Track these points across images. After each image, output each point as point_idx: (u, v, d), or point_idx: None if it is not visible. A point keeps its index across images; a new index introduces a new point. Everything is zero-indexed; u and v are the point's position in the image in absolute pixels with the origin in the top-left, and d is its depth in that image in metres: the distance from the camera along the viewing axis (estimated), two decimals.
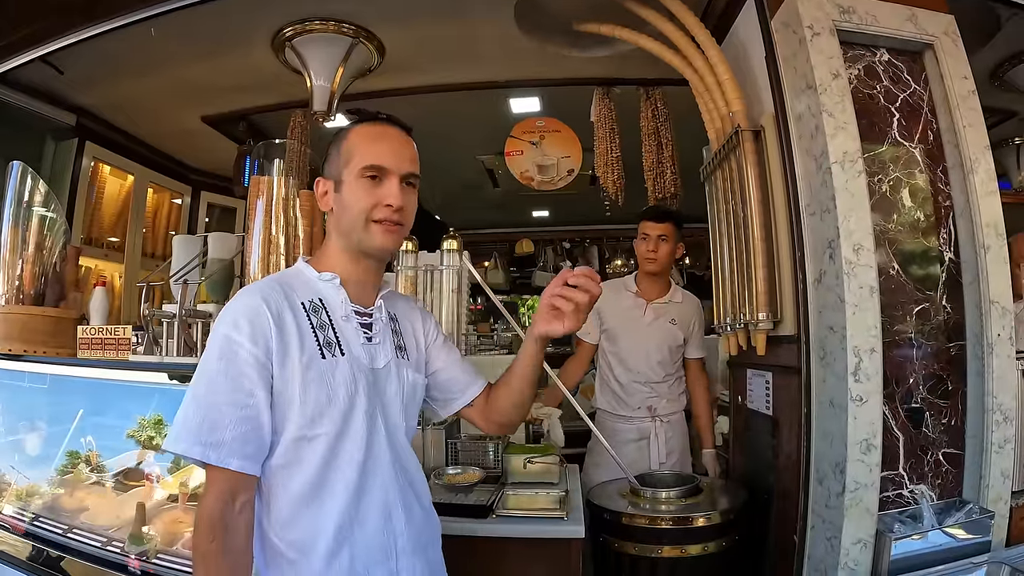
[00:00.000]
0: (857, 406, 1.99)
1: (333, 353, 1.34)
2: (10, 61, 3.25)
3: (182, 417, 1.23)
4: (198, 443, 1.19)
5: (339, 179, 1.39)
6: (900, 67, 2.31)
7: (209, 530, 1.19)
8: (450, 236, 2.31)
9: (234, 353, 1.23)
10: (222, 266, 2.30)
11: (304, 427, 1.27)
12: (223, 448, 1.20)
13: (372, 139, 1.39)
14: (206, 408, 1.21)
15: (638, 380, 3.06)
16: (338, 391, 1.31)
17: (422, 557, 1.43)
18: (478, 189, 6.31)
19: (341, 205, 1.39)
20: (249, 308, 1.27)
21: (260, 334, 1.25)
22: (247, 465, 1.23)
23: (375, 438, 1.36)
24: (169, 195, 5.30)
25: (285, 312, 1.31)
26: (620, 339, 3.09)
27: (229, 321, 1.26)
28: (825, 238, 2.13)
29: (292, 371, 1.27)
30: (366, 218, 1.36)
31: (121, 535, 1.95)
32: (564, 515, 2.16)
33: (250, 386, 1.23)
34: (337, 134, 1.44)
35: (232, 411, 1.21)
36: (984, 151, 2.22)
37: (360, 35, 3.24)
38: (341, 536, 1.29)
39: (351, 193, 1.37)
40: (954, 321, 2.22)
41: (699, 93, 2.62)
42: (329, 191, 1.42)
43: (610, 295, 3.00)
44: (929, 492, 2.14)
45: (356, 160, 1.36)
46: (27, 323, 2.41)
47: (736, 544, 2.32)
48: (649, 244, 3.06)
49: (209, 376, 1.23)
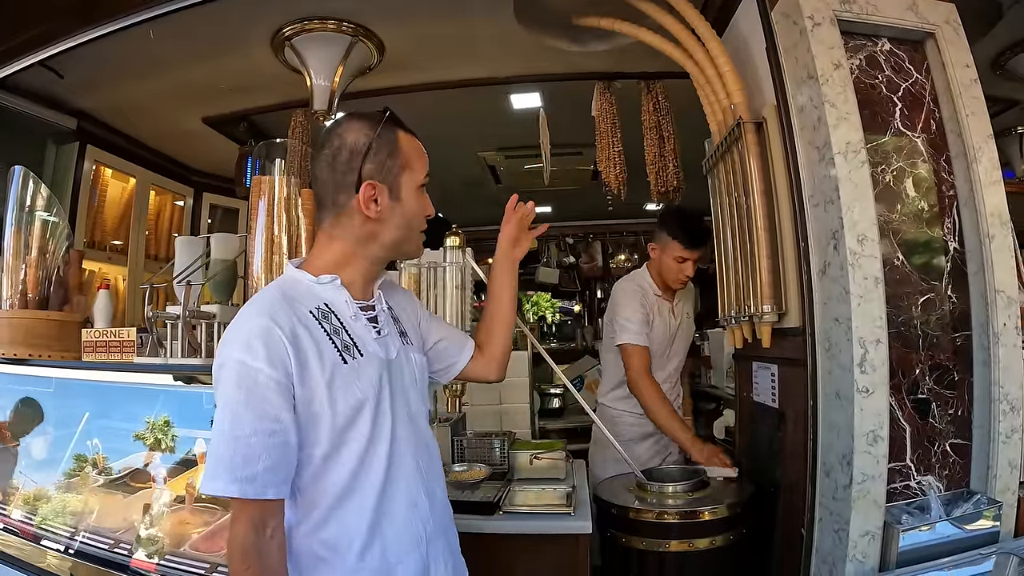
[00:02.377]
0: (863, 397, 1.98)
1: (353, 356, 1.33)
2: (10, 66, 3.26)
3: (214, 456, 1.20)
4: (234, 481, 1.17)
5: (396, 185, 1.37)
6: (902, 56, 2.30)
7: (243, 559, 1.19)
8: (452, 233, 2.30)
9: (253, 380, 1.20)
10: (225, 267, 2.30)
11: (335, 437, 1.27)
12: (257, 481, 1.18)
13: (420, 151, 1.41)
14: (234, 443, 1.18)
15: (669, 381, 3.12)
16: (367, 392, 1.31)
17: (444, 540, 1.45)
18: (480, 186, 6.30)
19: (398, 213, 1.38)
20: (261, 330, 1.23)
21: (276, 356, 1.22)
22: (280, 491, 1.22)
23: (399, 431, 1.36)
24: (171, 197, 5.30)
25: (298, 328, 1.28)
26: (656, 340, 3.07)
27: (242, 346, 1.22)
28: (829, 229, 2.12)
29: (316, 387, 1.25)
30: (420, 229, 1.42)
31: (128, 537, 1.95)
32: (571, 510, 2.16)
33: (275, 412, 1.21)
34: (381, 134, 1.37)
35: (261, 440, 1.19)
36: (987, 140, 2.21)
37: (359, 33, 3.23)
38: (373, 531, 1.30)
39: (412, 204, 1.39)
40: (959, 311, 2.21)
41: (700, 85, 2.61)
42: (382, 197, 1.36)
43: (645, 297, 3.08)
44: (936, 483, 2.13)
45: (416, 171, 1.38)
46: (31, 327, 2.41)
47: (743, 537, 2.32)
48: (686, 270, 3.07)
49: (232, 409, 1.20)
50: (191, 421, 1.97)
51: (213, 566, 1.81)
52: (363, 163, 1.36)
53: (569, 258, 7.90)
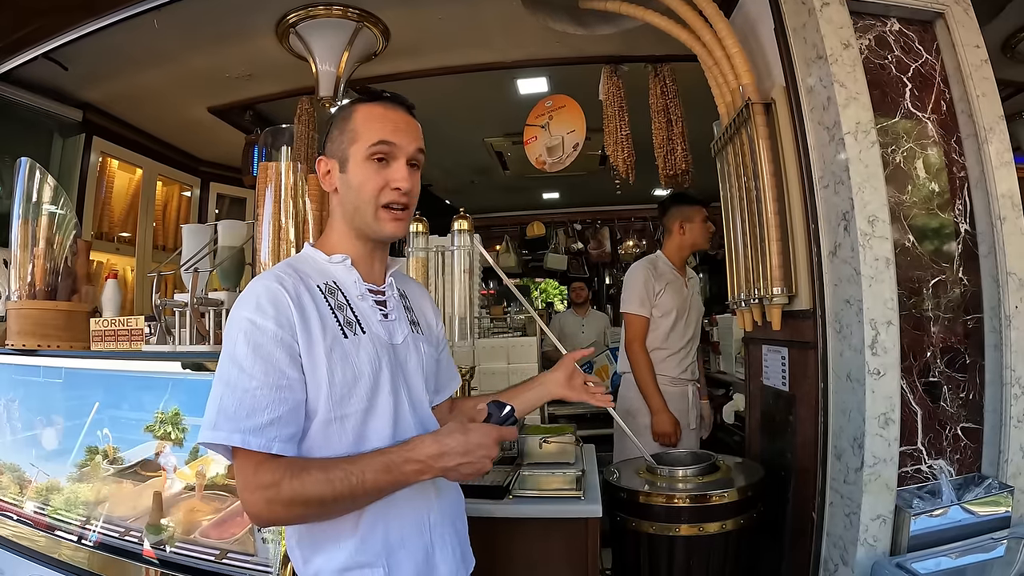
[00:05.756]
0: (875, 380, 1.97)
1: (355, 332, 1.32)
2: (14, 59, 3.27)
3: (216, 405, 1.18)
4: (237, 430, 1.14)
5: (344, 159, 1.35)
6: (911, 37, 2.27)
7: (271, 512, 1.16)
8: (460, 217, 2.29)
9: (262, 334, 1.19)
10: (232, 253, 2.30)
11: (333, 409, 1.25)
12: (262, 434, 1.15)
13: (379, 118, 1.35)
14: (240, 393, 1.16)
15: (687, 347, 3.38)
16: (363, 369, 1.29)
17: (451, 528, 1.43)
18: (488, 173, 6.29)
19: (347, 186, 1.35)
20: (269, 291, 1.24)
21: (284, 316, 1.22)
22: (288, 448, 1.19)
23: (401, 413, 1.34)
24: (179, 187, 5.32)
25: (304, 295, 1.28)
26: (676, 312, 3.33)
27: (251, 305, 1.22)
28: (839, 210, 2.10)
29: (318, 354, 1.24)
30: (375, 202, 1.33)
31: (139, 525, 1.96)
32: (580, 495, 2.16)
33: (283, 366, 1.19)
34: (340, 111, 1.40)
35: (268, 393, 1.17)
36: (998, 121, 2.19)
37: (364, 19, 3.22)
38: (374, 513, 1.28)
39: (358, 174, 1.33)
40: (971, 293, 2.19)
41: (708, 67, 2.59)
42: (333, 171, 1.38)
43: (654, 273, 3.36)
44: (948, 467, 2.12)
45: (364, 140, 1.33)
46: (40, 318, 2.42)
47: (754, 522, 2.31)
48: (709, 226, 3.38)
49: (238, 361, 1.19)
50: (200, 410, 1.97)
51: (223, 552, 1.82)
52: (325, 141, 1.41)
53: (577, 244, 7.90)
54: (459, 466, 1.21)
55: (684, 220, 3.37)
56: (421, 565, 1.34)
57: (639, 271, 3.37)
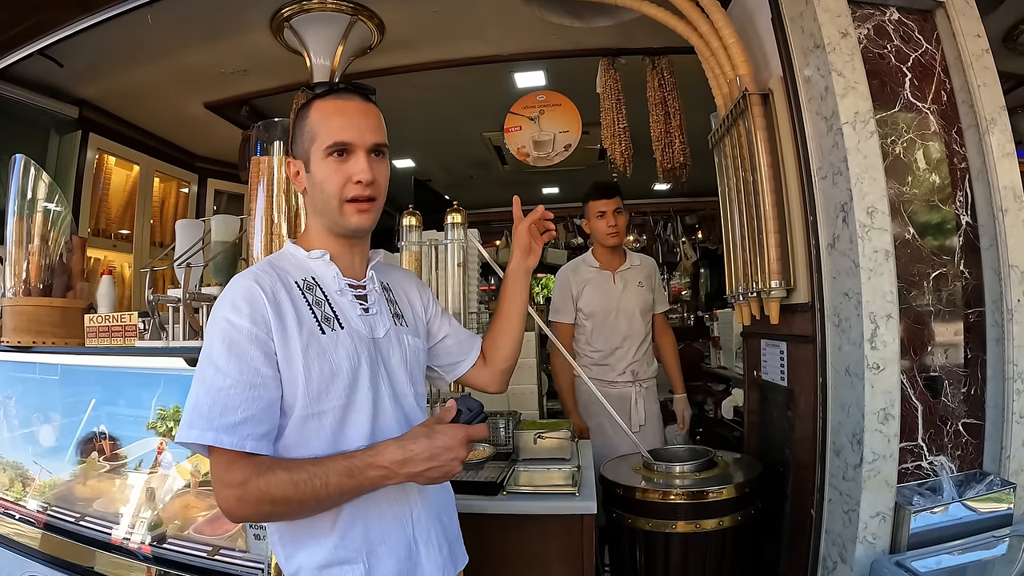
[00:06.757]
0: (874, 374, 1.95)
1: (332, 327, 1.32)
2: (9, 56, 3.26)
3: (191, 405, 1.19)
4: (210, 428, 1.15)
5: (307, 159, 1.37)
6: (911, 26, 2.25)
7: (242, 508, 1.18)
8: (454, 210, 2.27)
9: (237, 333, 1.21)
10: (225, 248, 2.28)
11: (310, 405, 1.25)
12: (235, 432, 1.16)
13: (332, 114, 1.36)
14: (215, 392, 1.18)
15: (626, 344, 3.31)
16: (341, 364, 1.29)
17: (437, 525, 1.43)
18: (486, 168, 6.28)
19: (313, 185, 1.37)
20: (245, 289, 1.26)
21: (259, 314, 1.23)
22: (261, 445, 1.19)
23: (381, 409, 1.34)
24: (176, 184, 5.30)
25: (280, 292, 1.29)
26: (598, 311, 3.32)
27: (227, 305, 1.25)
28: (838, 202, 2.07)
29: (294, 350, 1.25)
30: (339, 198, 1.34)
31: (135, 521, 1.96)
32: (576, 491, 2.14)
33: (256, 364, 1.21)
34: (299, 112, 1.42)
35: (241, 392, 1.18)
36: (1000, 111, 2.16)
37: (358, 12, 3.20)
38: (353, 510, 1.28)
39: (320, 173, 1.35)
40: (972, 287, 2.17)
41: (705, 58, 2.56)
42: (300, 171, 1.40)
43: (573, 275, 3.40)
44: (949, 464, 2.09)
45: (320, 139, 1.34)
46: (35, 314, 2.42)
47: (752, 518, 2.29)
48: (608, 220, 3.30)
49: (214, 360, 1.20)
50: None
51: (216, 548, 1.82)
52: (291, 143, 1.44)
53: (577, 239, 7.88)
54: (426, 471, 1.21)
55: (585, 215, 3.41)
56: (404, 561, 1.34)
57: (559, 276, 3.46)
